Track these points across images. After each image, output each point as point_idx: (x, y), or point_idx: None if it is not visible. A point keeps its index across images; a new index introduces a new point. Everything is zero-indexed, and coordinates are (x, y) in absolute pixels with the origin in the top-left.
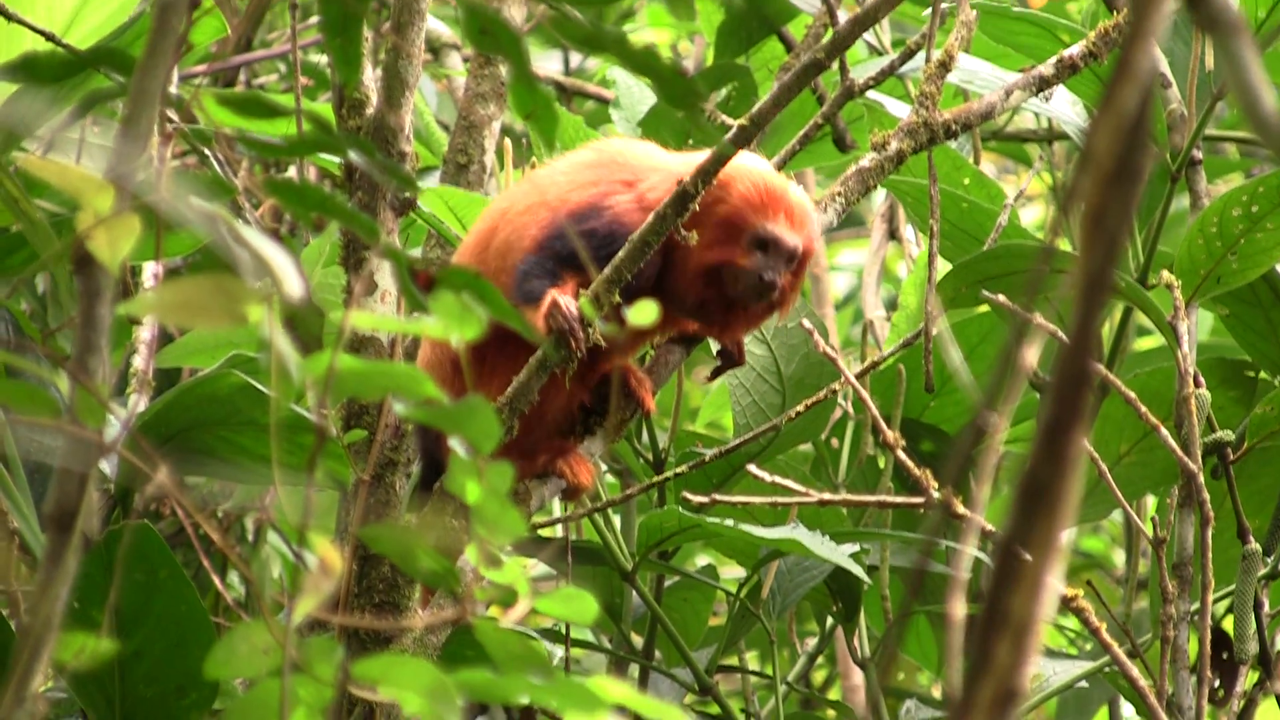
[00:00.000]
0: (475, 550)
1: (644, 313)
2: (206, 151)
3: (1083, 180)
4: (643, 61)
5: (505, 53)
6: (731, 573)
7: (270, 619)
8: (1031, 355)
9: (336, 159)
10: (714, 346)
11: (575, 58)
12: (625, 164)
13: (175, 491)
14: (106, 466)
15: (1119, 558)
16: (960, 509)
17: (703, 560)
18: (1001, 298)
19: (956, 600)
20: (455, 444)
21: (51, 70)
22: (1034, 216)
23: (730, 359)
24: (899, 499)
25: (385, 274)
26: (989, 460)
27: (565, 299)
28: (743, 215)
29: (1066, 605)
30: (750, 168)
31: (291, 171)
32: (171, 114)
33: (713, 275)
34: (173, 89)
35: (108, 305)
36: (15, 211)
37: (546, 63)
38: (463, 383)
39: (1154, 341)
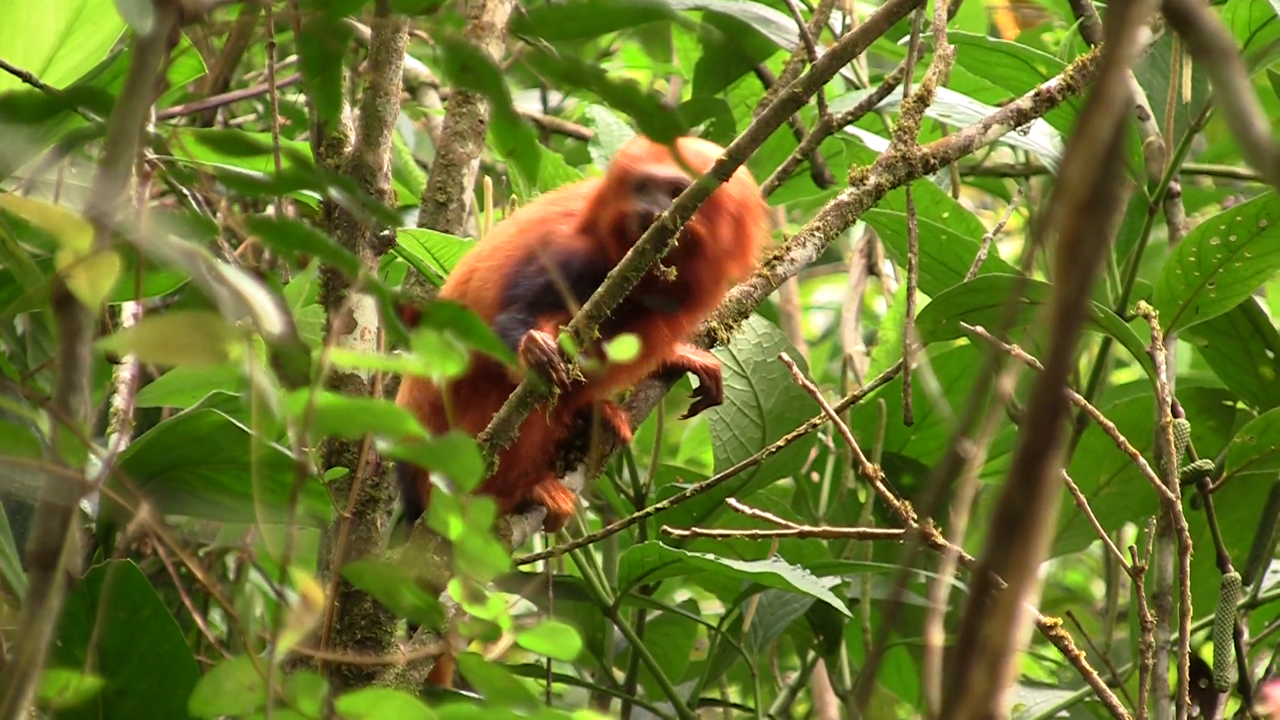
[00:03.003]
0: (458, 586)
1: (624, 348)
2: (185, 190)
3: (1057, 209)
4: (623, 95)
5: (486, 90)
6: (712, 607)
7: (254, 656)
8: (1008, 385)
9: (317, 196)
10: (693, 383)
11: (554, 96)
12: (566, 198)
13: (158, 529)
14: (88, 505)
15: (1098, 590)
16: (938, 539)
17: (683, 595)
18: (980, 330)
19: (934, 630)
20: (437, 480)
21: (30, 110)
22: (1013, 250)
23: (708, 397)
24: (879, 531)
25: (365, 311)
26: (967, 491)
27: (542, 335)
28: (622, 169)
29: (1045, 633)
30: None
31: (270, 210)
32: (150, 153)
33: (617, 233)
34: (151, 128)
35: (88, 344)
36: (2, 251)
37: (525, 101)
38: (441, 422)
39: (1133, 374)
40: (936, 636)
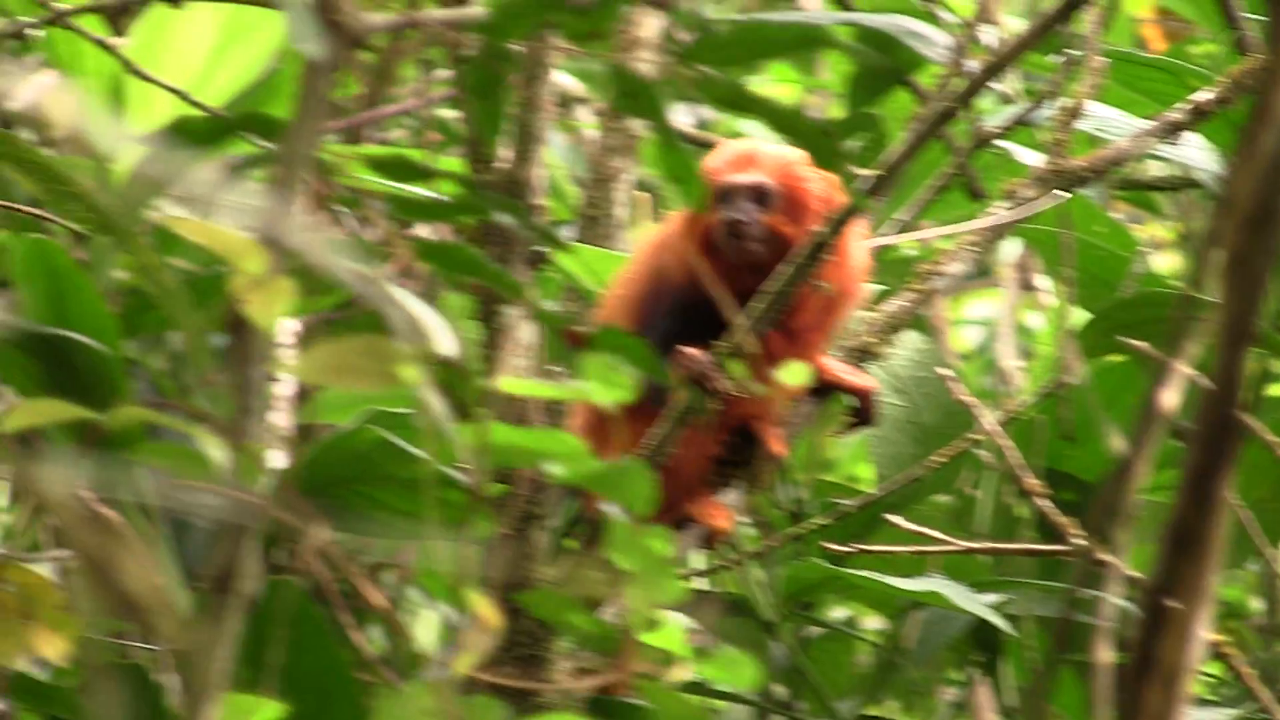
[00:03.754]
0: (632, 613)
1: (796, 374)
2: (346, 211)
3: (1223, 225)
4: (788, 122)
5: (650, 117)
6: (871, 623)
7: (437, 681)
8: (1172, 401)
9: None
10: (848, 403)
11: (705, 109)
12: (669, 219)
13: (332, 548)
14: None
15: (1256, 605)
16: (1106, 557)
17: (841, 611)
18: (1144, 345)
19: (1103, 648)
20: (610, 508)
21: (200, 134)
22: (1165, 263)
23: (863, 418)
24: (1043, 547)
25: (522, 327)
26: (1131, 507)
27: (690, 350)
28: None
29: (1213, 651)
30: None
31: (421, 228)
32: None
33: (705, 246)
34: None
35: (262, 367)
36: (148, 276)
37: (676, 115)
38: (595, 437)
39: None
40: (1105, 655)
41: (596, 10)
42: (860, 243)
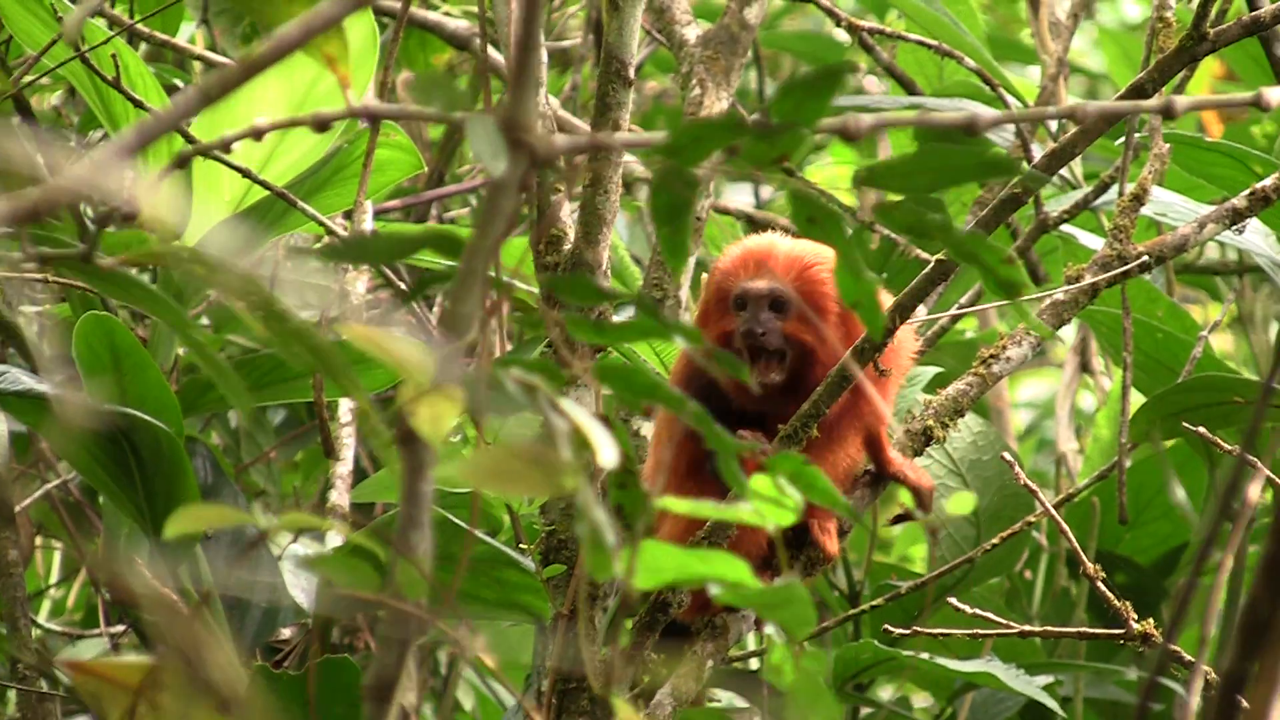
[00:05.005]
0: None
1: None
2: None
3: None
4: (970, 250)
5: (832, 242)
6: (922, 703)
7: None
8: (1254, 494)
9: (532, 291)
10: (906, 500)
11: (765, 189)
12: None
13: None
14: (303, 599)
15: None
16: (1179, 651)
17: (890, 691)
18: (1203, 430)
19: None
20: (771, 630)
21: (383, 251)
22: (1222, 347)
23: (918, 505)
24: (1099, 630)
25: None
26: (1200, 594)
27: (743, 432)
28: (719, 288)
29: None
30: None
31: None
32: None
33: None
34: (368, 225)
35: (430, 480)
36: (203, 359)
37: (736, 194)
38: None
39: None
40: None
41: (781, 136)
42: (903, 327)
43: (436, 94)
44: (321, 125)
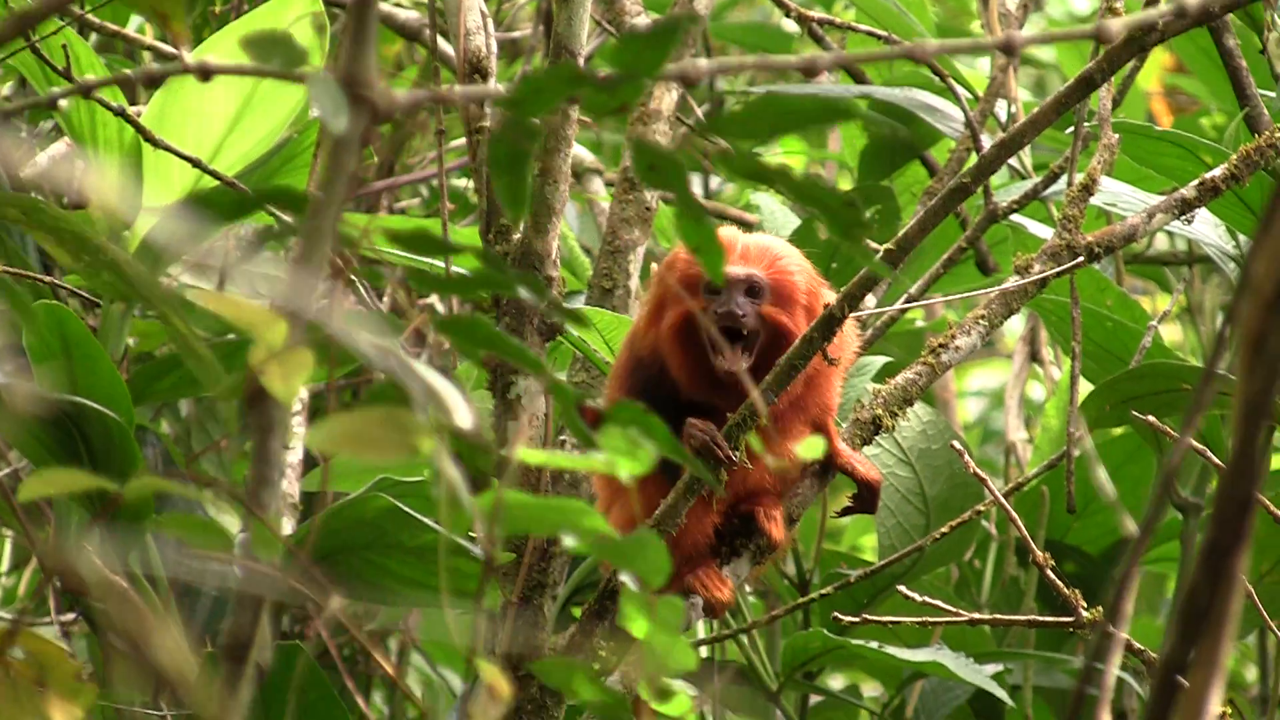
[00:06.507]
0: (645, 683)
1: (812, 448)
2: (364, 285)
3: (1242, 306)
4: (809, 192)
5: (672, 188)
6: (872, 690)
7: None
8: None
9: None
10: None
11: (715, 180)
12: (652, 284)
13: (347, 619)
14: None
15: (1249, 674)
16: (1113, 630)
17: (841, 680)
18: (1151, 418)
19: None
20: (625, 578)
21: (225, 208)
22: (1171, 337)
23: (863, 506)
24: (1049, 619)
25: (534, 398)
26: (1134, 579)
27: (698, 421)
28: (686, 274)
29: None
30: None
31: (435, 298)
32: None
33: (683, 337)
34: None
35: (281, 439)
36: (181, 344)
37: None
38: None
39: None
40: None
41: (620, 86)
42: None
43: (276, 51)
44: (205, 74)
